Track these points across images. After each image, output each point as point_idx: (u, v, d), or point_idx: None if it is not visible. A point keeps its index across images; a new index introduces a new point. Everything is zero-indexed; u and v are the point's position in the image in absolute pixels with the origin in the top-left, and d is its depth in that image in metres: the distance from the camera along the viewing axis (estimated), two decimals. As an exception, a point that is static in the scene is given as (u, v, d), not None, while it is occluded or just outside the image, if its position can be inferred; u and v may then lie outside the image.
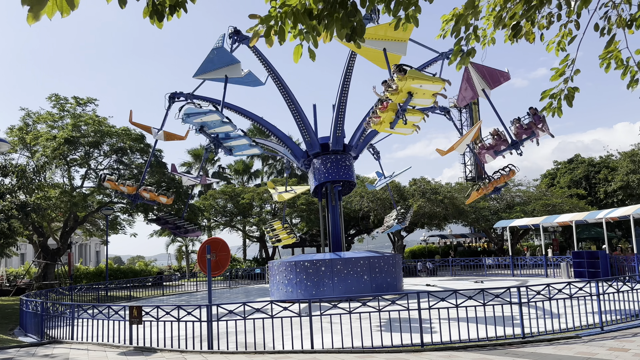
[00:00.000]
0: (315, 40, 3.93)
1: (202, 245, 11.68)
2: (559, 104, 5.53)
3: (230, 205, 42.61)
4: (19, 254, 48.96)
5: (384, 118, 15.07)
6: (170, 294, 28.45)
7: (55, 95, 30.13)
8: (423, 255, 45.53)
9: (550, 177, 49.52)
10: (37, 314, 13.60)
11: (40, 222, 28.21)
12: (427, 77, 13.86)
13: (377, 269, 18.87)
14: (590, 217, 26.60)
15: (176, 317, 10.54)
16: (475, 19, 4.77)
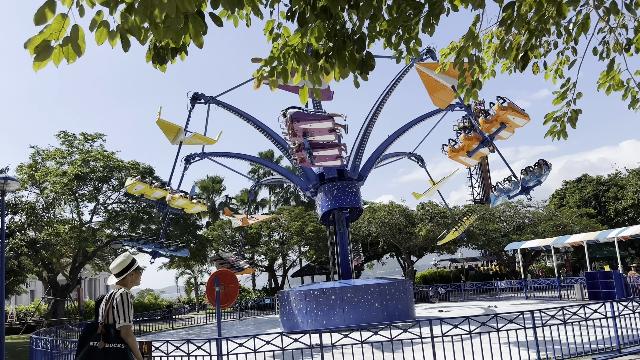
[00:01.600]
0: (319, 81, 4.01)
1: (211, 278, 11.64)
2: (563, 127, 5.55)
3: (238, 235, 42.57)
4: (28, 291, 48.94)
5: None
6: (180, 327, 28.22)
7: (63, 132, 30.61)
8: (434, 280, 45.03)
9: (559, 197, 49.25)
10: (47, 351, 13.50)
11: (50, 258, 28.30)
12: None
13: (388, 296, 18.66)
14: (602, 237, 26.32)
15: (186, 351, 10.43)
16: (478, 50, 4.84)
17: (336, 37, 3.95)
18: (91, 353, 4.44)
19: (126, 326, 4.59)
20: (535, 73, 5.47)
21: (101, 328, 4.59)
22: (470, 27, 4.65)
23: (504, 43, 4.89)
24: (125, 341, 4.55)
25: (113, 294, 4.86)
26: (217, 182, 54.81)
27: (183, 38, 3.27)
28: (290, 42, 3.87)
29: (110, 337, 4.53)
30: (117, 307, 4.65)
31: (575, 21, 4.88)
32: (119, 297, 4.72)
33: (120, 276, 4.95)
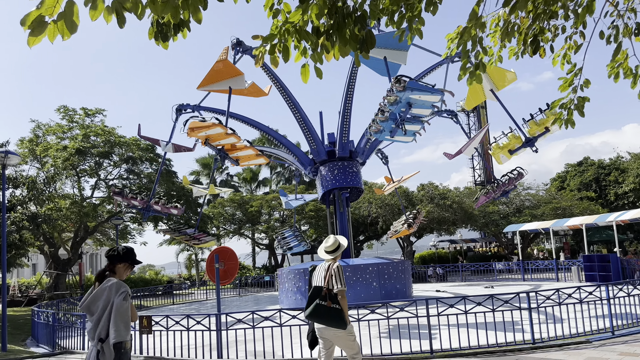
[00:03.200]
0: (320, 59, 3.98)
1: (211, 255, 11.75)
2: (570, 114, 5.49)
3: (239, 213, 42.77)
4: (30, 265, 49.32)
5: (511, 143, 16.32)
6: (180, 302, 28.56)
7: (64, 107, 30.50)
8: (433, 260, 45.34)
9: (560, 180, 49.23)
10: (49, 324, 13.71)
11: (51, 232, 28.50)
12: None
13: (386, 275, 18.83)
14: (601, 220, 26.39)
15: (186, 326, 10.59)
16: (481, 31, 4.78)
17: (337, 14, 3.91)
18: (318, 308, 5.59)
19: (342, 290, 5.69)
20: (542, 57, 5.42)
21: (325, 290, 5.65)
22: (474, 7, 4.59)
23: (507, 25, 4.83)
24: (339, 302, 5.63)
25: (330, 265, 5.92)
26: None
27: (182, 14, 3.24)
28: (290, 18, 3.84)
29: (332, 298, 5.62)
30: (334, 275, 5.73)
31: (580, 3, 4.81)
32: (336, 268, 5.81)
33: (332, 254, 6.00)
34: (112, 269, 4.56)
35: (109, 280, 4.43)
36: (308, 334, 6.19)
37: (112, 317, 4.19)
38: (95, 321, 4.28)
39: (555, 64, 5.53)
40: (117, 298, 4.27)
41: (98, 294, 4.35)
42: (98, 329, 4.24)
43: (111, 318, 4.19)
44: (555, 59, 5.49)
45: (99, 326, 4.24)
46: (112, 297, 4.27)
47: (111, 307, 4.24)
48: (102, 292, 4.34)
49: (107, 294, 4.30)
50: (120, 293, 4.32)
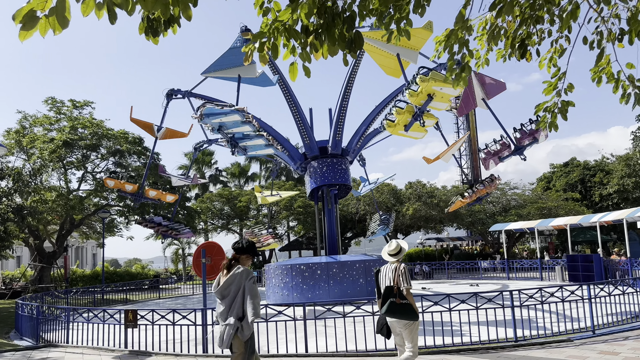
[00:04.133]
0: (308, 58, 4.02)
1: (197, 250, 11.75)
2: (554, 118, 5.58)
3: (227, 208, 42.69)
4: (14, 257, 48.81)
5: (399, 120, 15.56)
6: (166, 297, 28.47)
7: (51, 99, 30.18)
8: (419, 258, 45.62)
9: (546, 180, 49.76)
10: (33, 317, 13.62)
11: (37, 225, 28.23)
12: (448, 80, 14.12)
13: (373, 272, 18.94)
14: (585, 221, 26.75)
15: (171, 320, 10.59)
16: (468, 33, 4.84)
17: (326, 14, 3.95)
18: (393, 305, 6.27)
19: (408, 288, 6.37)
20: (528, 61, 5.49)
21: (396, 289, 6.33)
22: (460, 10, 4.66)
23: (494, 28, 4.90)
24: (407, 298, 6.33)
25: (396, 266, 6.56)
26: (207, 155, 54.62)
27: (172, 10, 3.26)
28: (280, 17, 3.87)
29: (401, 295, 6.30)
30: (401, 275, 6.40)
31: (564, 8, 4.90)
32: (403, 268, 6.49)
33: (395, 257, 6.69)
34: (237, 259, 5.27)
35: (238, 268, 5.14)
36: (380, 328, 6.69)
37: (247, 298, 4.89)
38: (229, 303, 4.99)
39: (542, 67, 5.61)
40: (248, 282, 5.03)
41: (230, 280, 5.03)
42: (234, 309, 4.96)
43: (247, 299, 4.89)
44: (542, 62, 5.58)
45: (234, 307, 4.96)
46: (243, 282, 4.99)
47: (243, 290, 4.97)
48: (233, 278, 5.04)
49: (238, 279, 5.02)
50: (249, 278, 5.10)
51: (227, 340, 4.96)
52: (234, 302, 5.01)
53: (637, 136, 40.35)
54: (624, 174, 39.33)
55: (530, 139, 17.47)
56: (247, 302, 4.96)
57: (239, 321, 4.97)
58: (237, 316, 4.99)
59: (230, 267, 5.20)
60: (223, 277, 5.17)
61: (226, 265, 5.21)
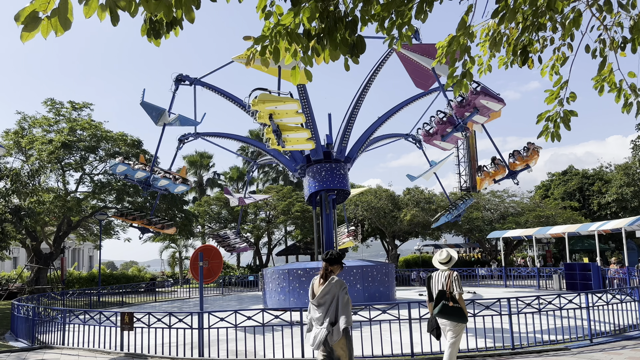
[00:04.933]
0: (310, 62, 4.02)
1: (195, 253, 11.72)
2: (557, 128, 5.54)
3: (224, 212, 42.61)
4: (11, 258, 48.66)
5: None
6: (163, 300, 28.36)
7: (51, 100, 30.17)
8: (417, 264, 45.58)
9: (544, 188, 49.78)
10: (29, 318, 13.55)
11: (34, 226, 28.14)
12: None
13: (370, 278, 18.91)
14: (583, 229, 26.76)
15: (167, 324, 10.55)
16: (471, 40, 4.85)
17: (328, 18, 3.95)
18: (445, 308, 6.87)
19: (460, 293, 7.04)
20: (530, 68, 5.49)
21: (448, 294, 6.93)
22: (463, 16, 4.67)
23: (496, 35, 4.91)
24: (459, 302, 6.96)
25: (448, 273, 7.18)
26: (205, 158, 54.57)
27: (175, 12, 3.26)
28: (282, 21, 3.87)
29: (453, 299, 6.91)
30: (454, 281, 7.03)
31: (566, 16, 4.91)
32: (455, 275, 7.15)
33: (446, 265, 7.32)
34: (331, 270, 5.74)
35: (332, 279, 5.63)
36: (432, 328, 7.29)
37: (340, 308, 5.42)
38: (324, 310, 5.50)
39: (544, 75, 5.61)
40: (341, 292, 5.53)
41: (326, 289, 5.54)
42: (328, 316, 5.47)
43: (339, 308, 5.42)
44: (544, 70, 5.58)
45: (328, 313, 5.48)
46: (337, 292, 5.50)
47: (337, 299, 5.48)
48: (329, 287, 5.54)
49: (333, 289, 5.52)
50: (343, 288, 5.59)
51: (320, 342, 5.46)
52: (329, 309, 5.52)
53: (637, 145, 40.39)
54: (623, 183, 39.39)
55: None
56: (341, 310, 5.50)
57: (331, 326, 5.46)
58: (330, 321, 5.51)
59: (326, 276, 5.70)
60: (319, 286, 5.69)
61: (322, 275, 5.71)
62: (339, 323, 5.44)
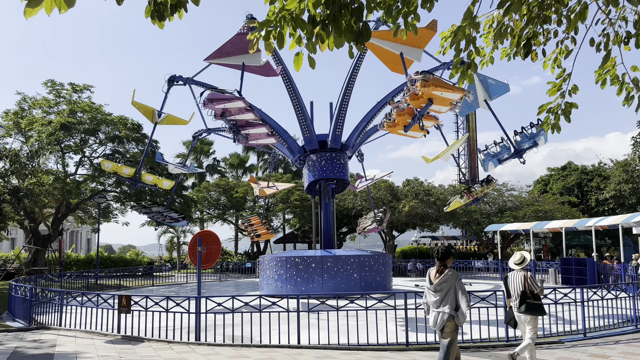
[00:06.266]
0: (314, 48, 3.99)
1: (194, 238, 11.75)
2: (557, 119, 5.56)
3: (223, 198, 42.62)
4: (9, 239, 48.80)
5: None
6: (160, 284, 28.48)
7: (51, 81, 30.01)
8: (414, 255, 45.71)
9: (543, 183, 49.83)
10: (26, 299, 13.62)
11: (32, 207, 28.16)
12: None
13: (367, 267, 18.99)
14: (580, 225, 26.83)
15: (165, 307, 10.60)
16: (475, 30, 4.82)
17: (334, 4, 3.92)
18: (529, 306, 7.80)
19: (541, 290, 7.99)
20: (534, 61, 5.47)
21: (529, 293, 7.86)
22: (469, 6, 4.64)
23: (501, 26, 4.88)
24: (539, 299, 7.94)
25: (524, 274, 8.03)
26: (206, 144, 54.45)
27: (179, -6, 3.23)
28: (287, 6, 3.84)
29: (535, 297, 7.87)
30: (531, 282, 7.93)
31: (572, 9, 4.88)
32: (530, 276, 8.04)
33: (520, 265, 8.17)
34: (445, 264, 6.74)
35: (449, 271, 6.68)
36: (510, 319, 8.18)
37: (459, 295, 6.57)
38: (442, 296, 6.59)
39: (546, 68, 5.59)
40: (458, 282, 6.67)
41: (443, 279, 6.62)
42: (447, 301, 6.55)
43: (460, 295, 6.57)
44: (546, 62, 5.56)
45: (446, 300, 6.56)
46: (454, 282, 6.62)
47: (454, 288, 6.60)
48: (446, 278, 6.61)
49: (450, 280, 6.60)
50: (458, 279, 6.70)
51: (441, 324, 6.55)
52: (447, 296, 6.58)
53: (637, 141, 40.33)
54: (622, 179, 39.40)
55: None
56: (460, 298, 6.56)
57: (455, 311, 6.53)
58: (452, 307, 6.55)
59: (443, 269, 6.71)
60: (436, 276, 6.73)
61: (438, 268, 6.75)
62: (462, 307, 6.52)
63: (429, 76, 13.86)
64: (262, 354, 9.05)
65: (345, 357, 8.77)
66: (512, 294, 8.12)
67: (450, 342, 6.54)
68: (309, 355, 8.94)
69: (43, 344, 10.07)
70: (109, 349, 9.65)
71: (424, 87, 13.79)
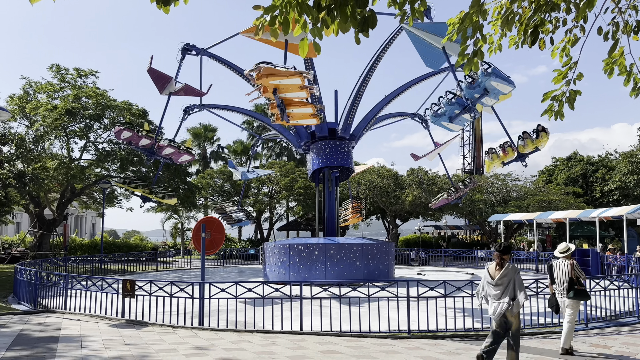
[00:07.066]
0: (319, 34, 3.95)
1: (198, 224, 11.80)
2: (561, 107, 5.52)
3: (227, 185, 42.70)
4: (14, 223, 49.16)
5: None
6: (164, 269, 28.67)
7: (56, 66, 29.99)
8: (417, 244, 45.84)
9: (547, 173, 49.64)
10: (31, 282, 13.74)
11: (37, 192, 28.30)
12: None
13: (369, 255, 19.04)
14: (584, 216, 26.79)
15: (169, 292, 10.68)
16: (483, 18, 4.77)
17: (340, -10, 3.88)
18: (577, 291, 8.42)
19: (585, 277, 8.79)
20: (541, 49, 5.41)
21: (575, 279, 8.49)
22: (476, -8, 4.58)
23: (508, 14, 4.82)
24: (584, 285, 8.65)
25: (570, 262, 8.66)
26: (210, 131, 54.41)
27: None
28: (293, -9, 3.81)
29: (580, 283, 8.51)
30: (577, 269, 8.61)
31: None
32: (575, 264, 8.67)
33: (565, 254, 8.76)
34: (504, 258, 7.18)
35: (508, 265, 7.13)
36: (553, 304, 8.77)
37: (517, 287, 7.01)
38: (502, 289, 7.05)
39: (555, 56, 5.53)
40: (517, 276, 7.10)
41: (504, 273, 7.07)
42: (507, 293, 7.01)
43: (517, 288, 7.00)
44: (555, 51, 5.50)
45: (506, 291, 7.01)
46: (513, 275, 7.05)
47: (514, 281, 7.04)
48: (506, 271, 7.07)
49: (510, 273, 7.05)
50: (517, 272, 7.16)
51: (500, 313, 6.96)
52: (507, 288, 7.02)
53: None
54: (627, 170, 39.21)
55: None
56: (519, 290, 7.00)
57: (512, 301, 6.97)
58: (511, 297, 6.99)
59: (502, 263, 7.17)
60: (497, 271, 7.19)
61: (498, 262, 7.19)
62: (519, 298, 6.97)
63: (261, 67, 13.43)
64: (264, 339, 9.12)
65: (348, 343, 8.83)
66: (557, 281, 8.69)
67: (518, 328, 7.09)
68: (312, 341, 9.00)
69: (48, 327, 10.18)
70: (113, 332, 9.75)
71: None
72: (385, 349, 8.41)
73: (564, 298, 8.59)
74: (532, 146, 18.16)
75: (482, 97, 16.24)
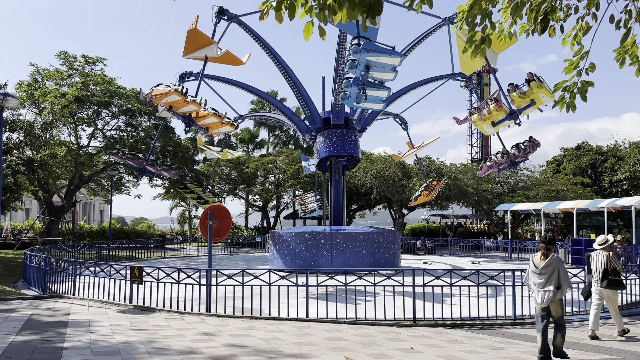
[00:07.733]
0: (325, 19, 3.92)
1: (205, 212, 11.85)
2: (572, 98, 5.44)
3: (234, 173, 42.78)
4: (24, 209, 49.59)
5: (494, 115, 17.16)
6: (171, 256, 28.89)
7: (64, 53, 30.01)
8: (423, 233, 45.80)
9: (556, 163, 49.27)
10: (41, 268, 13.90)
11: (46, 178, 28.49)
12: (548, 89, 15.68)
13: (375, 244, 19.07)
14: (592, 206, 26.62)
15: (176, 279, 10.77)
16: (492, 5, 4.71)
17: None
18: (611, 281, 8.91)
19: (621, 268, 9.26)
20: (551, 37, 5.33)
21: (610, 270, 8.92)
22: (486, -21, 4.52)
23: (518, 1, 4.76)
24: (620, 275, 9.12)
25: (607, 254, 9.07)
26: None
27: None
28: (300, -23, 3.77)
29: (615, 273, 8.96)
30: (613, 260, 9.00)
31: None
32: (612, 255, 9.08)
33: (603, 246, 9.19)
34: (549, 249, 7.56)
35: (553, 255, 7.49)
36: (587, 292, 9.32)
37: (561, 276, 7.38)
38: (546, 278, 7.40)
39: (565, 45, 5.44)
40: (561, 265, 7.47)
41: (548, 262, 7.44)
42: (551, 282, 7.35)
43: (562, 277, 7.38)
44: (566, 39, 5.41)
45: (551, 280, 7.36)
46: (557, 265, 7.41)
47: (557, 271, 7.38)
48: (551, 261, 7.43)
49: (554, 263, 7.41)
50: (561, 262, 7.51)
51: (547, 301, 7.29)
52: (551, 277, 7.38)
53: (653, 123, 39.60)
54: (637, 161, 38.84)
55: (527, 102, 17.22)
56: (562, 279, 7.37)
57: (556, 289, 7.32)
58: (555, 286, 7.34)
59: (547, 254, 7.51)
60: (541, 260, 7.52)
61: (543, 253, 7.54)
62: (562, 287, 7.36)
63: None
64: (271, 326, 9.19)
65: (353, 331, 8.88)
66: (594, 271, 9.15)
67: (561, 314, 7.45)
68: (317, 328, 9.06)
69: (57, 312, 10.31)
70: (121, 318, 9.86)
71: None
72: (390, 337, 8.46)
73: (600, 287, 8.99)
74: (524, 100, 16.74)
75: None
